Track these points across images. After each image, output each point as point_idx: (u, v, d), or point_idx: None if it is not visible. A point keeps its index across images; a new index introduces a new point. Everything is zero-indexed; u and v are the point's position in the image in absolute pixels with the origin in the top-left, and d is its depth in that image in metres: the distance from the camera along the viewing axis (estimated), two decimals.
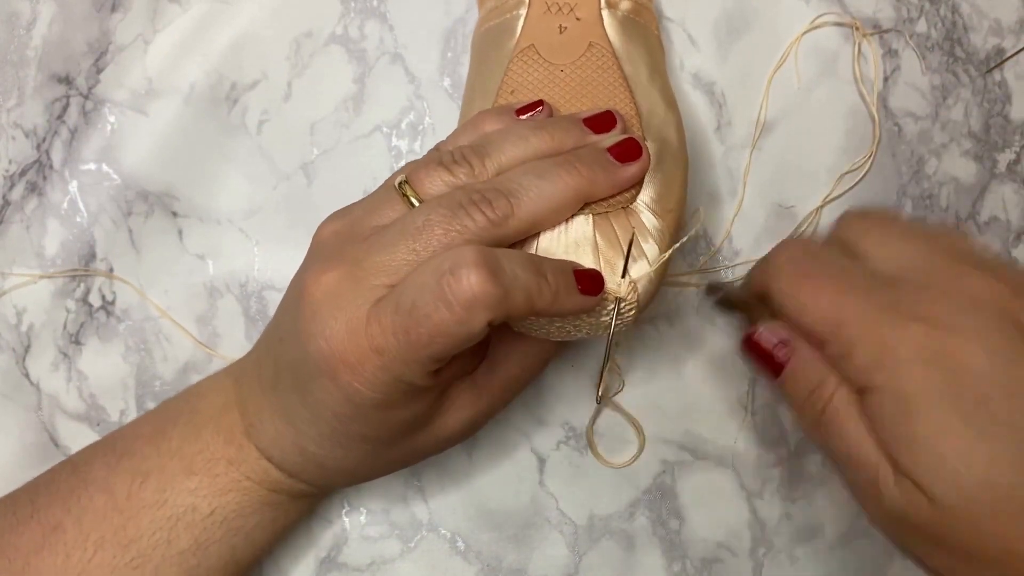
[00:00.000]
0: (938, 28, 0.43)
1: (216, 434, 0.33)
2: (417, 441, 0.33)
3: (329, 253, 0.31)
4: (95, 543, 0.32)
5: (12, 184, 0.42)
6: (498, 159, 0.32)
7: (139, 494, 0.32)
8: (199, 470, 0.33)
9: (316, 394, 0.30)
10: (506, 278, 0.28)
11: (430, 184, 0.31)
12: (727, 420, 0.42)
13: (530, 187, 0.30)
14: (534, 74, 0.36)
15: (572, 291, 0.30)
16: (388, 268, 0.29)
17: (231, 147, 0.42)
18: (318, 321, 0.29)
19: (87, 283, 0.42)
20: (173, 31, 0.43)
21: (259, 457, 0.33)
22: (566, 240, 0.32)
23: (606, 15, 0.37)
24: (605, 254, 0.32)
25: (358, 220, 0.32)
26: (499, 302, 0.28)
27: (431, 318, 0.28)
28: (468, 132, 0.34)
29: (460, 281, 0.27)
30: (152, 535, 0.32)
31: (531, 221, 0.31)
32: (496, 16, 0.38)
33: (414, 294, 0.28)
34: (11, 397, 0.41)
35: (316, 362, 0.29)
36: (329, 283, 0.29)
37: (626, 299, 0.32)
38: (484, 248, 0.29)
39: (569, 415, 0.42)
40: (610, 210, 0.32)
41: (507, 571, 0.41)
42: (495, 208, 0.30)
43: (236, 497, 0.33)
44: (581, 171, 0.31)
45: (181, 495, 0.33)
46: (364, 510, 0.41)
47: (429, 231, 0.29)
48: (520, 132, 0.32)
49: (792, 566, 0.41)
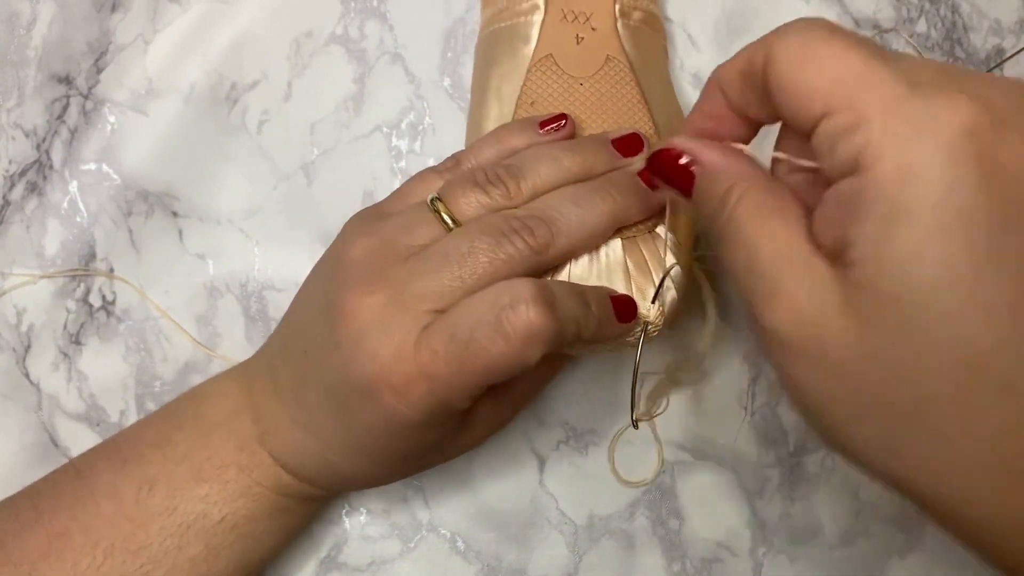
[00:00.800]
0: (938, 28, 0.43)
1: (226, 440, 0.33)
2: (440, 453, 0.34)
3: (367, 274, 0.31)
4: (104, 550, 0.32)
5: (12, 184, 0.42)
6: (533, 181, 0.32)
7: (148, 501, 0.32)
8: (209, 477, 0.33)
9: (352, 412, 0.30)
10: (560, 311, 0.29)
11: (466, 204, 0.32)
12: (727, 420, 0.42)
13: (570, 215, 0.31)
14: (554, 86, 0.36)
15: (612, 320, 0.31)
16: (434, 295, 0.29)
17: (231, 147, 0.42)
18: (365, 344, 0.29)
19: (87, 283, 0.42)
20: (173, 31, 0.43)
21: (272, 463, 0.33)
22: (599, 266, 0.32)
23: (620, 26, 0.37)
24: (636, 280, 0.32)
25: (392, 238, 0.32)
26: (555, 335, 0.29)
27: (488, 351, 0.28)
28: (491, 145, 0.34)
29: (519, 315, 0.28)
30: (162, 542, 0.32)
31: (570, 249, 0.31)
32: (506, 18, 0.38)
33: (471, 326, 0.28)
34: (11, 397, 0.41)
35: (358, 383, 0.29)
36: (374, 307, 0.30)
37: (653, 322, 0.32)
38: (539, 282, 0.29)
39: (569, 415, 0.42)
40: (637, 234, 0.33)
41: (507, 571, 0.41)
42: (536, 236, 0.30)
43: (247, 503, 0.33)
44: (616, 198, 0.32)
45: (191, 502, 0.33)
46: (364, 510, 0.41)
47: (474, 259, 0.30)
48: (553, 154, 0.33)
49: (792, 566, 0.41)
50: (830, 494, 0.41)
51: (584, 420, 0.42)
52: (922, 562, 0.41)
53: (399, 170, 0.42)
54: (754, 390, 0.42)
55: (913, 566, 0.41)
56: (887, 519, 0.41)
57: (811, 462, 0.42)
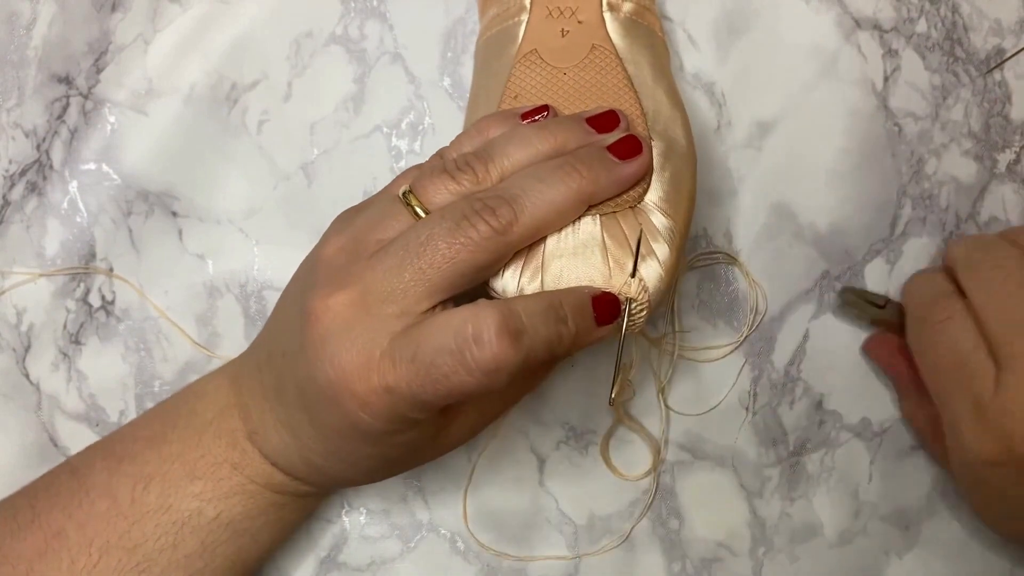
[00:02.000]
0: (938, 28, 0.43)
1: (217, 438, 0.33)
2: (421, 454, 0.33)
3: (334, 272, 0.30)
4: (99, 548, 0.32)
5: (12, 184, 0.42)
6: (501, 164, 0.31)
7: (143, 499, 0.32)
8: (202, 474, 0.33)
9: (322, 417, 0.30)
10: (527, 339, 0.28)
11: (435, 192, 0.31)
12: (727, 420, 0.42)
13: (532, 191, 0.30)
14: (537, 78, 0.36)
15: (591, 327, 0.30)
16: (396, 293, 0.29)
17: (231, 147, 0.42)
18: (327, 348, 0.29)
19: (87, 283, 0.42)
20: (173, 31, 0.43)
21: (263, 461, 0.33)
22: (574, 241, 0.31)
23: (608, 17, 0.37)
24: (614, 254, 0.31)
25: (362, 234, 0.31)
26: (521, 363, 0.28)
27: (449, 379, 0.28)
28: (472, 137, 0.34)
29: (483, 350, 0.28)
30: (157, 539, 0.32)
31: (535, 226, 0.30)
32: (498, 24, 0.38)
33: (432, 351, 0.28)
34: (11, 397, 0.41)
35: (323, 388, 0.29)
36: (337, 308, 0.29)
37: (636, 299, 0.31)
38: (505, 309, 0.28)
39: (569, 415, 0.42)
40: (617, 210, 0.32)
41: (507, 571, 0.41)
42: (498, 216, 0.29)
43: (241, 500, 0.33)
44: (582, 171, 0.31)
45: (186, 500, 0.33)
46: (364, 510, 0.41)
47: (433, 247, 0.29)
48: (523, 135, 0.32)
49: (792, 566, 0.41)
50: (829, 494, 0.42)
51: (584, 420, 0.42)
52: (920, 561, 0.41)
53: (399, 170, 0.42)
54: (754, 390, 0.42)
55: (911, 565, 0.41)
56: (886, 518, 0.41)
57: (811, 462, 0.42)
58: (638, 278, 0.31)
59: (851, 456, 0.42)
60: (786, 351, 0.42)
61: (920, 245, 0.43)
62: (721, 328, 0.42)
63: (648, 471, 0.41)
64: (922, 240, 0.43)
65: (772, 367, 0.42)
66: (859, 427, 0.42)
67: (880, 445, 0.42)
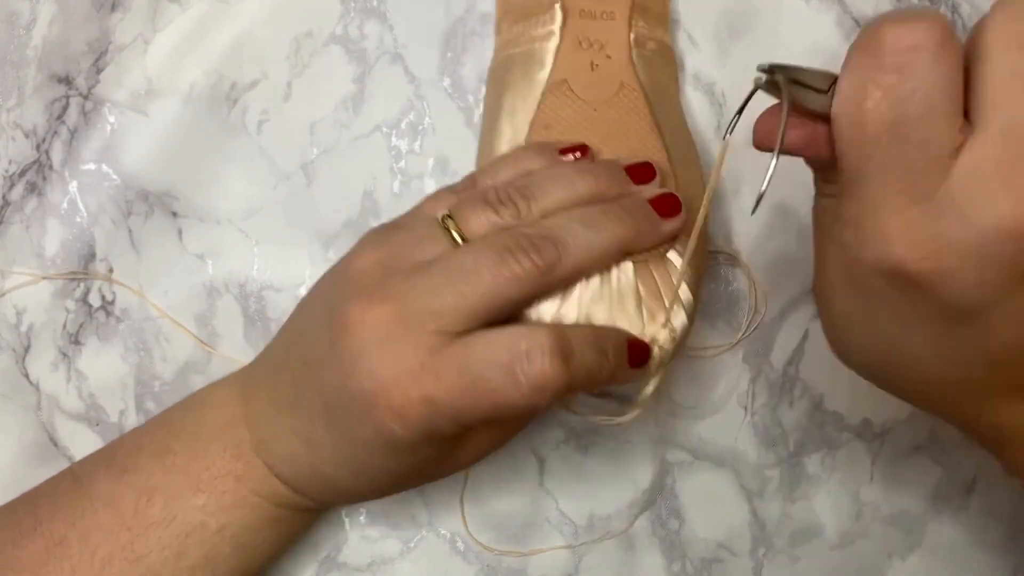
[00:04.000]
0: None
1: (223, 450, 0.33)
2: (428, 473, 0.34)
3: (370, 286, 0.30)
4: (102, 559, 0.32)
5: (12, 184, 0.42)
6: (544, 202, 0.32)
7: (146, 511, 0.32)
8: (206, 487, 0.33)
9: (347, 426, 0.30)
10: (575, 363, 0.29)
11: (475, 223, 0.31)
12: (727, 420, 0.42)
13: (578, 236, 0.31)
14: (568, 111, 0.36)
15: (624, 368, 0.31)
16: (436, 312, 0.29)
17: (231, 147, 0.42)
18: (364, 360, 0.29)
19: (87, 283, 0.42)
20: (173, 31, 0.43)
21: (268, 474, 0.33)
22: (609, 289, 0.32)
23: (635, 55, 0.37)
24: (647, 304, 0.32)
25: (399, 252, 0.31)
26: (567, 387, 0.29)
27: (496, 393, 0.28)
28: (509, 167, 0.34)
29: (534, 366, 0.28)
30: (161, 551, 0.32)
31: (577, 269, 0.31)
32: (521, 44, 0.38)
33: (483, 365, 0.28)
34: (11, 397, 0.41)
35: (355, 398, 0.29)
36: (375, 321, 0.29)
37: (663, 347, 0.32)
38: (558, 331, 0.29)
39: (569, 415, 0.42)
40: (648, 259, 0.33)
41: (507, 571, 0.41)
42: (543, 255, 0.30)
43: (244, 513, 0.33)
44: (627, 223, 0.32)
45: (189, 512, 0.33)
46: (364, 510, 0.41)
47: (477, 275, 0.29)
48: (566, 176, 0.33)
49: (792, 566, 0.41)
50: (830, 494, 0.41)
51: (584, 420, 0.42)
52: (922, 563, 0.41)
53: (399, 170, 0.42)
54: (754, 390, 0.42)
55: (913, 567, 0.41)
56: (887, 520, 0.41)
57: (811, 462, 0.42)
58: (669, 330, 0.32)
59: (852, 457, 0.42)
60: (785, 351, 0.42)
61: None
62: (721, 328, 0.42)
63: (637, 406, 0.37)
64: None
65: (771, 367, 0.42)
66: (860, 428, 0.42)
67: (881, 446, 0.42)
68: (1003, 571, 0.41)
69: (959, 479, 0.42)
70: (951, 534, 0.41)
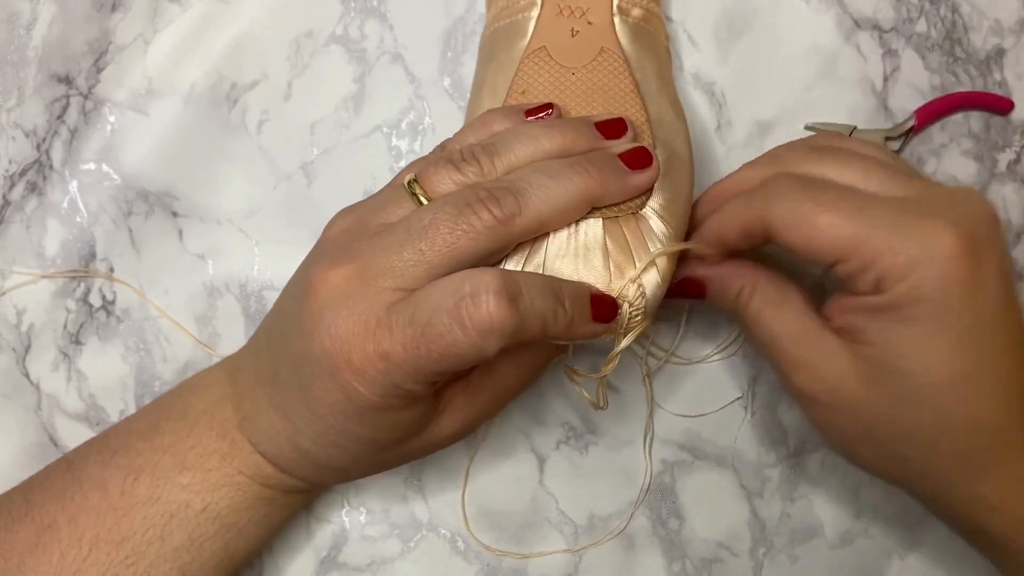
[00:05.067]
0: (938, 28, 0.43)
1: (209, 428, 0.33)
2: (412, 443, 0.33)
3: (335, 249, 0.31)
4: (90, 542, 0.32)
5: (12, 184, 0.42)
6: (508, 158, 0.32)
7: (132, 491, 0.32)
8: (192, 466, 0.33)
9: (315, 391, 0.30)
10: (524, 305, 0.29)
11: (439, 182, 0.31)
12: (727, 420, 0.42)
13: (539, 186, 0.30)
14: (545, 76, 0.36)
15: (586, 319, 0.31)
16: (395, 270, 0.29)
17: (231, 147, 0.42)
18: (324, 319, 0.29)
19: (87, 283, 0.42)
20: (173, 31, 0.43)
21: (252, 452, 0.33)
22: (576, 244, 0.32)
23: (618, 21, 0.37)
24: (615, 258, 0.32)
25: (366, 217, 0.32)
26: (515, 330, 0.28)
27: (444, 338, 0.28)
28: (476, 130, 0.34)
29: (479, 307, 0.28)
30: (145, 532, 0.32)
31: (539, 221, 0.30)
32: (506, 16, 0.38)
33: (430, 311, 0.28)
34: (11, 397, 0.41)
35: (318, 359, 0.29)
36: (336, 281, 0.30)
37: (633, 304, 0.32)
38: (505, 273, 0.29)
39: (569, 415, 0.42)
40: (620, 215, 0.32)
41: (507, 571, 0.41)
42: (502, 206, 0.30)
43: (229, 492, 0.33)
44: (592, 174, 0.31)
45: (174, 491, 0.33)
46: (364, 510, 0.41)
47: (435, 230, 0.29)
48: (531, 132, 0.32)
49: (792, 566, 0.41)
50: (830, 494, 0.41)
51: (584, 420, 0.42)
52: (922, 563, 0.41)
53: (399, 170, 0.42)
54: (754, 390, 0.42)
55: (913, 567, 0.41)
56: (887, 519, 0.41)
57: (811, 462, 0.42)
58: (638, 285, 0.31)
59: None
60: None
61: None
62: (721, 328, 0.42)
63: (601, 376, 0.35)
64: None
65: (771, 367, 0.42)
66: None
67: None
68: None
69: None
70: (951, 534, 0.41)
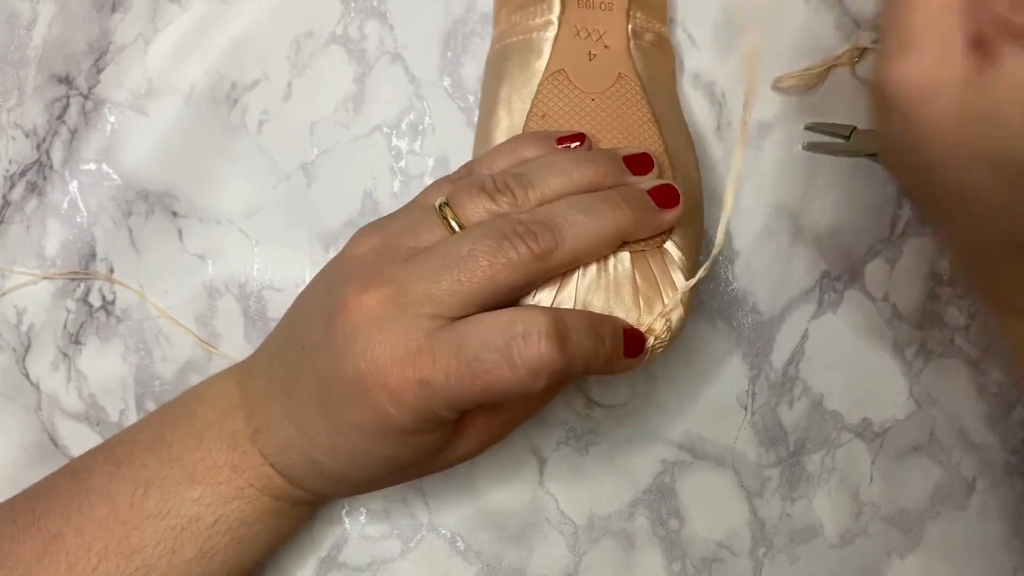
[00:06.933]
0: None
1: (219, 440, 0.33)
2: (429, 463, 0.33)
3: (367, 271, 0.31)
4: (98, 553, 0.32)
5: (12, 184, 0.42)
6: (541, 190, 0.32)
7: (142, 504, 0.32)
8: (201, 479, 0.33)
9: (342, 409, 0.30)
10: (572, 347, 0.29)
11: (472, 210, 0.31)
12: (727, 420, 0.42)
13: (575, 222, 0.31)
14: (565, 100, 0.36)
15: (619, 355, 0.31)
16: (433, 297, 0.29)
17: (231, 147, 0.42)
18: (359, 340, 0.29)
19: (87, 283, 0.42)
20: (173, 31, 0.43)
21: (263, 463, 0.33)
22: (607, 278, 0.32)
23: (632, 45, 0.37)
24: (644, 293, 0.32)
25: (395, 238, 0.31)
26: (563, 370, 0.29)
27: (491, 374, 0.28)
28: (506, 155, 0.34)
29: (530, 348, 0.28)
30: (156, 545, 0.32)
31: (574, 256, 0.31)
32: (518, 33, 0.38)
33: (478, 346, 0.28)
34: (11, 397, 0.41)
35: (351, 380, 0.29)
36: (371, 303, 0.29)
37: (659, 336, 0.32)
38: (555, 314, 0.29)
39: (569, 415, 0.42)
40: (646, 248, 0.33)
41: (507, 571, 0.41)
42: (540, 242, 0.30)
43: (240, 505, 0.33)
44: (625, 211, 0.32)
45: (184, 505, 0.32)
46: (364, 510, 0.41)
47: (474, 262, 0.29)
48: (564, 165, 0.33)
49: (792, 566, 0.41)
50: (830, 494, 0.41)
51: (584, 420, 0.42)
52: (922, 563, 0.41)
53: (399, 170, 0.42)
54: (754, 390, 0.42)
55: (913, 566, 0.41)
56: (887, 519, 0.41)
57: (811, 462, 0.42)
58: (665, 321, 0.32)
59: (852, 456, 0.42)
60: (785, 351, 0.42)
61: (919, 245, 0.43)
62: (720, 328, 0.42)
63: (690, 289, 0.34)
64: (921, 240, 0.43)
65: (771, 367, 0.42)
66: (860, 427, 0.42)
67: (881, 446, 0.42)
68: (1003, 571, 0.41)
69: (959, 479, 0.42)
70: (951, 534, 0.41)
